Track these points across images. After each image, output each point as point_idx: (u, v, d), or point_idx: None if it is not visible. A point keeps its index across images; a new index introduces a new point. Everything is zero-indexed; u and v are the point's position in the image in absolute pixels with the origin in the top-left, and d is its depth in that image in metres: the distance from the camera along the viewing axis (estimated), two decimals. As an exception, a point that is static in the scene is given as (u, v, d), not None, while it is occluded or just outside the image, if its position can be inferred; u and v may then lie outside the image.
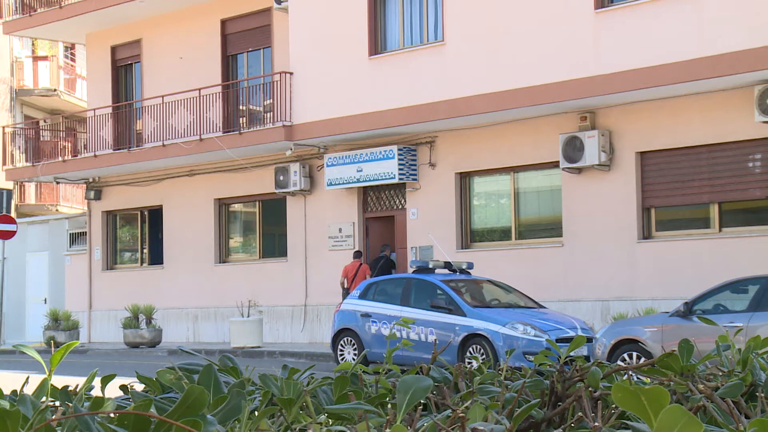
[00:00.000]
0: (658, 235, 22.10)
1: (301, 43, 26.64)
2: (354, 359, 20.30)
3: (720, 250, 20.95)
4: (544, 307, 20.39)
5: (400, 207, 26.28)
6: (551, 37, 22.00)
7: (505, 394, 2.78)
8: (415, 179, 25.54)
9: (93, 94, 33.91)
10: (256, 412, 2.45)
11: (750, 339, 3.23)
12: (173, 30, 31.13)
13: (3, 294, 28.83)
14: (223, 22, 30.09)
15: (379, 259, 25.96)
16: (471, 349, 18.57)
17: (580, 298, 22.85)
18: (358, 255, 25.95)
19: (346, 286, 25.14)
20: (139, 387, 2.82)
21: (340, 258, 27.04)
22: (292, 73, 26.73)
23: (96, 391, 2.69)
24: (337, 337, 21.07)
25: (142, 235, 32.83)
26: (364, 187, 26.61)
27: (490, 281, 20.95)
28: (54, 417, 2.07)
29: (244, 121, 29.14)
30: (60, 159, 32.89)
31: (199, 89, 28.92)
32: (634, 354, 16.23)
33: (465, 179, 25.14)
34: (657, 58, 20.38)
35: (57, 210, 42.68)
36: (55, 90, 43.79)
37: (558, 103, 22.12)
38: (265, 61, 29.39)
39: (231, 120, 29.17)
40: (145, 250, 32.69)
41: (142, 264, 32.74)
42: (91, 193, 33.16)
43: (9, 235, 30.46)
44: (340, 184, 26.41)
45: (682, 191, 21.72)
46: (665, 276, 21.55)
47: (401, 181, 25.52)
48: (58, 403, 2.55)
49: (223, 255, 30.39)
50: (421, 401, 2.39)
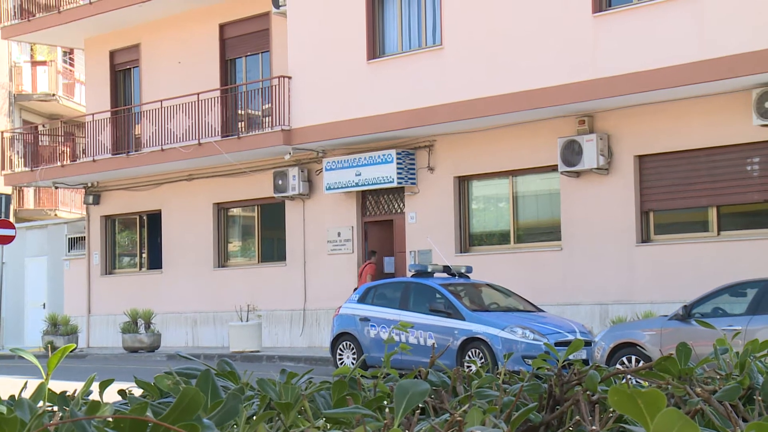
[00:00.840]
0: (657, 239, 22.10)
1: (300, 47, 26.65)
2: (353, 363, 20.30)
3: (719, 254, 20.95)
4: (543, 311, 20.38)
5: (399, 211, 26.28)
6: (549, 41, 22.01)
7: (503, 398, 2.78)
8: (413, 183, 25.54)
9: (91, 99, 33.90)
10: (254, 417, 2.45)
11: (748, 342, 3.23)
12: (172, 35, 31.13)
13: (2, 299, 28.81)
14: (222, 27, 30.10)
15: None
16: (470, 353, 18.57)
17: (578, 301, 22.84)
18: (371, 254, 26.05)
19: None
20: (137, 392, 2.82)
21: (339, 262, 27.05)
22: (290, 78, 26.74)
23: (94, 396, 2.69)
24: (336, 342, 21.06)
25: (140, 240, 32.81)
26: (363, 191, 26.61)
27: (488, 285, 20.95)
28: (51, 422, 2.07)
29: (243, 125, 29.14)
30: (59, 164, 32.89)
31: (198, 94, 28.93)
32: (633, 357, 16.24)
33: (464, 183, 25.15)
34: (655, 61, 20.39)
35: (56, 215, 42.67)
36: (53, 95, 43.79)
37: (556, 106, 22.13)
38: (264, 65, 29.39)
39: (230, 124, 29.17)
40: (144, 255, 32.68)
41: (140, 268, 32.72)
42: (90, 198, 33.14)
43: (8, 240, 30.45)
44: (338, 188, 26.40)
45: (681, 195, 21.73)
46: (664, 279, 21.55)
47: (400, 185, 25.53)
48: (55, 407, 2.55)
49: (222, 259, 30.38)
50: (419, 405, 2.39)
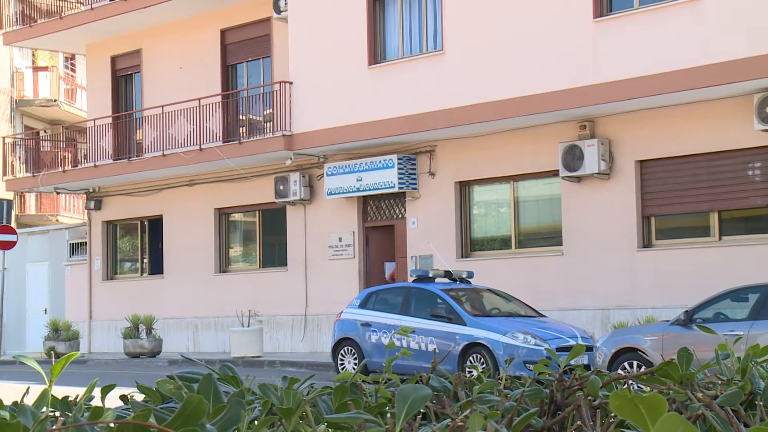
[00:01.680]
0: (658, 244, 22.09)
1: (301, 53, 26.66)
2: (354, 369, 20.29)
3: (720, 259, 20.95)
4: (544, 316, 20.38)
5: (400, 216, 26.28)
6: (550, 46, 22.02)
7: (504, 403, 2.78)
8: (414, 188, 25.55)
9: (93, 104, 33.93)
10: (256, 422, 2.45)
11: (750, 347, 3.23)
12: (173, 40, 31.16)
13: (3, 304, 28.81)
14: (223, 32, 30.12)
15: None
16: (471, 358, 18.55)
17: (580, 306, 22.83)
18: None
19: None
20: (139, 397, 2.82)
21: (341, 267, 27.05)
22: (291, 83, 26.75)
23: (96, 402, 2.69)
24: (337, 347, 21.05)
25: (142, 245, 32.81)
26: (364, 196, 26.61)
27: (490, 290, 20.95)
28: (54, 427, 2.07)
29: (244, 130, 29.15)
30: (60, 169, 32.90)
31: (199, 99, 28.94)
32: (635, 363, 16.23)
33: (465, 188, 25.15)
34: (656, 66, 20.39)
35: (57, 220, 42.68)
36: (55, 100, 43.81)
37: (557, 111, 22.14)
38: (265, 70, 29.41)
39: (231, 129, 29.18)
40: (146, 260, 32.68)
41: (142, 274, 32.73)
42: (92, 203, 33.15)
43: (9, 245, 30.46)
44: (340, 193, 26.41)
45: (682, 199, 21.72)
46: (665, 284, 21.54)
47: (401, 191, 25.52)
48: (58, 413, 2.55)
49: (224, 265, 30.38)
50: (421, 410, 2.40)
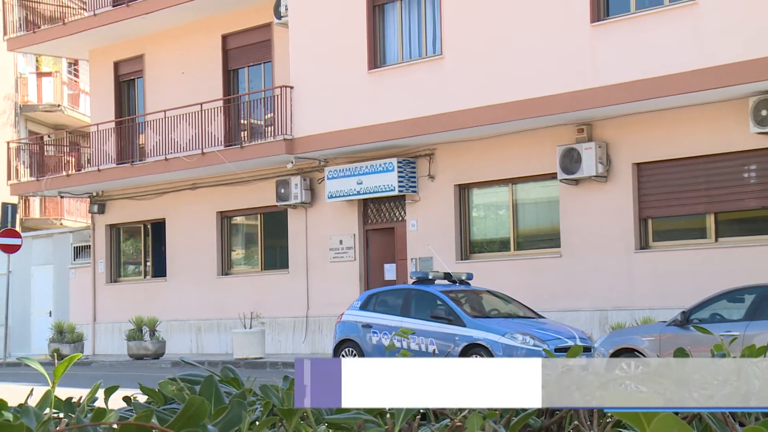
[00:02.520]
0: (656, 246, 22.08)
1: (302, 58, 26.66)
2: (355, 370, 20.31)
3: (716, 260, 20.93)
4: (543, 317, 20.36)
5: (400, 219, 26.26)
6: (548, 50, 22.01)
7: (502, 404, 2.77)
8: (414, 191, 25.53)
9: (96, 109, 33.92)
10: (257, 423, 2.45)
11: (745, 348, 3.23)
12: (175, 45, 31.15)
13: (8, 307, 28.83)
14: (224, 38, 30.11)
15: None
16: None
17: (578, 308, 22.82)
18: None
19: None
20: (142, 398, 2.83)
21: (341, 270, 27.04)
22: (292, 87, 26.75)
23: (99, 403, 2.70)
24: (338, 348, 21.03)
25: (145, 248, 32.80)
26: (365, 199, 26.59)
27: (489, 292, 20.93)
28: (57, 429, 2.07)
29: (246, 134, 29.14)
30: (64, 173, 32.91)
31: (201, 104, 28.94)
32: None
33: (464, 191, 25.14)
34: (653, 70, 20.38)
35: (61, 224, 42.67)
36: (58, 105, 43.81)
37: (555, 115, 22.12)
38: (266, 75, 29.40)
39: (232, 134, 29.17)
40: (149, 263, 32.67)
41: (145, 276, 32.71)
42: (95, 207, 33.15)
43: (14, 248, 30.47)
44: (340, 196, 26.40)
45: (679, 202, 21.71)
46: (663, 286, 21.52)
47: (401, 194, 25.51)
48: (61, 414, 2.55)
49: (226, 267, 30.37)
50: (420, 411, 2.40)
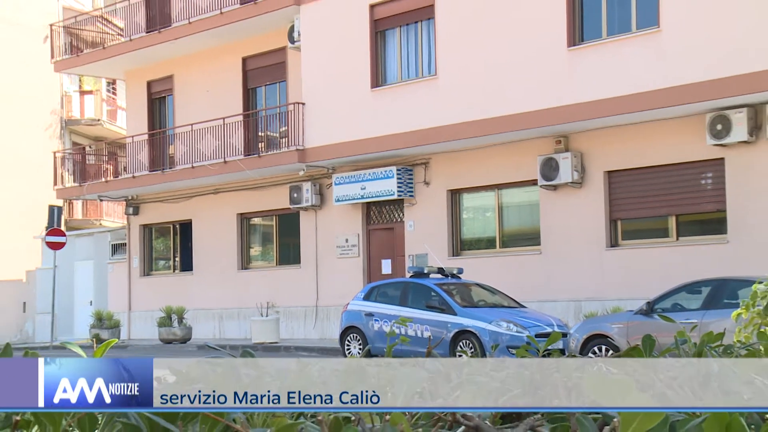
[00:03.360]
0: (624, 244, 22.07)
1: (312, 78, 26.65)
2: (359, 353, 20.28)
3: (678, 257, 20.92)
4: (525, 307, 20.34)
5: (399, 220, 26.25)
6: (531, 71, 22.00)
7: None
8: (411, 196, 25.52)
9: (131, 123, 33.92)
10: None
11: (704, 334, 3.22)
12: (201, 67, 31.16)
13: (54, 297, 28.80)
14: (244, 60, 30.11)
15: None
16: (461, 343, 18.52)
17: (556, 298, 22.80)
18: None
19: None
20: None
21: (347, 265, 27.01)
22: (304, 104, 26.73)
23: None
24: (344, 334, 21.02)
25: (174, 246, 32.79)
26: (368, 202, 26.57)
27: (477, 284, 20.91)
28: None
29: (263, 145, 29.13)
30: (103, 180, 32.90)
31: (224, 118, 28.93)
32: (604, 347, 16.19)
33: (455, 195, 25.12)
34: (622, 89, 20.38)
35: (101, 224, 42.61)
36: (98, 120, 43.78)
37: (536, 128, 22.11)
38: (281, 93, 29.39)
39: (251, 145, 29.16)
40: (177, 259, 32.65)
41: (174, 271, 32.70)
42: (130, 209, 33.15)
43: (59, 246, 30.41)
44: (346, 200, 26.38)
45: (645, 205, 21.70)
46: (630, 279, 21.51)
47: (400, 198, 25.49)
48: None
49: (245, 262, 30.36)
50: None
